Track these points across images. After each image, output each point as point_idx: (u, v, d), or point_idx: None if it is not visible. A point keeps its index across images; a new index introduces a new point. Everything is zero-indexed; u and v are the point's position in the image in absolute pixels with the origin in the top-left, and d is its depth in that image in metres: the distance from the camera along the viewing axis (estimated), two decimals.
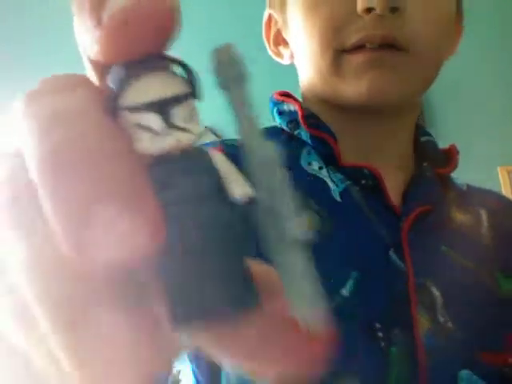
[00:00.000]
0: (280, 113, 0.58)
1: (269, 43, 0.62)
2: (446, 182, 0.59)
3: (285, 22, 0.58)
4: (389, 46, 0.50)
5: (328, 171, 0.54)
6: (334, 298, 0.47)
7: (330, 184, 0.53)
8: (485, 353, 0.50)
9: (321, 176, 0.53)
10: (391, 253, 0.50)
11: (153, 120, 0.15)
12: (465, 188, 0.62)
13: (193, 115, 0.15)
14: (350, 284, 0.48)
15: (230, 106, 0.16)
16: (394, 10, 0.49)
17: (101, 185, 0.13)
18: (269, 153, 0.16)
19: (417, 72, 0.52)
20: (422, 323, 0.48)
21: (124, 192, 0.14)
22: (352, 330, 0.47)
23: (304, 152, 0.55)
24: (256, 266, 0.16)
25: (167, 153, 0.15)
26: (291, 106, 0.57)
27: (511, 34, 1.80)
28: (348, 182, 0.53)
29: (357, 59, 0.50)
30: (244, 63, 0.16)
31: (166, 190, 0.15)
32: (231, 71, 0.16)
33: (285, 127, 0.57)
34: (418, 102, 0.59)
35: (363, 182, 0.53)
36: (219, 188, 0.15)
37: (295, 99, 0.58)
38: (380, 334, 0.47)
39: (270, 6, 0.61)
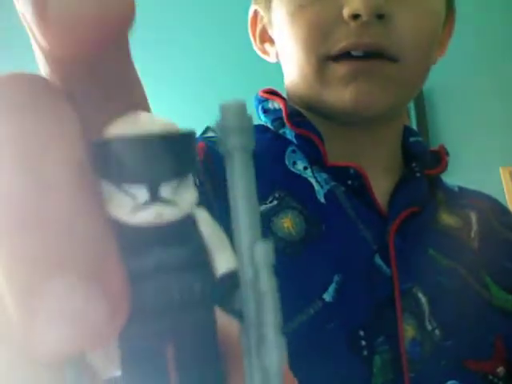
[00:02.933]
0: (265, 111, 0.57)
1: (254, 40, 0.61)
2: (436, 184, 0.58)
3: (270, 20, 0.57)
4: (375, 54, 0.49)
5: (313, 171, 0.52)
6: (316, 303, 0.46)
7: (315, 185, 0.52)
8: (473, 361, 0.49)
9: (305, 176, 0.52)
10: (376, 257, 0.49)
11: (137, 189, 0.13)
12: (456, 190, 0.61)
13: (186, 187, 0.14)
14: (332, 288, 0.46)
15: (229, 176, 0.14)
16: (380, 16, 0.48)
17: (59, 251, 0.11)
18: (265, 253, 0.13)
19: (403, 82, 0.51)
20: (408, 331, 0.47)
21: (85, 263, 0.11)
22: (334, 337, 0.45)
23: (289, 151, 0.54)
24: (222, 320, 0.15)
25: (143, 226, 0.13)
26: (276, 104, 0.56)
27: (511, 34, 1.79)
28: (333, 183, 0.52)
29: (342, 69, 0.49)
30: (252, 130, 0.14)
31: (139, 258, 0.13)
32: (238, 139, 0.14)
33: (269, 125, 0.56)
34: (405, 106, 0.59)
35: (349, 182, 0.51)
36: (201, 258, 0.14)
37: (281, 97, 0.57)
38: (363, 343, 0.46)
39: (255, 2, 0.60)
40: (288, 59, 0.54)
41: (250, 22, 0.60)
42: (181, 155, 0.13)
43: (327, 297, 0.46)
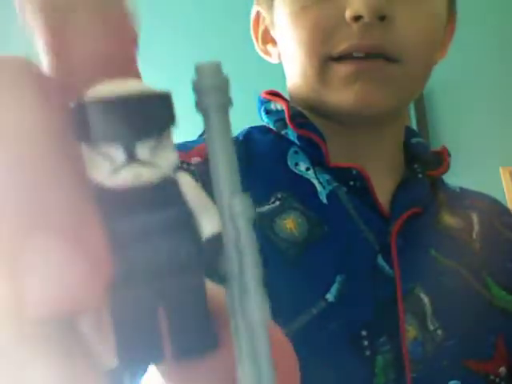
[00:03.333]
0: (267, 112, 0.57)
1: (257, 41, 0.61)
2: (438, 185, 0.58)
3: (272, 20, 0.57)
4: (377, 55, 0.49)
5: (315, 172, 0.52)
6: (319, 302, 0.46)
7: (317, 186, 0.52)
8: (474, 361, 0.49)
9: (308, 177, 0.52)
10: (379, 258, 0.49)
11: (114, 150, 0.13)
12: (457, 190, 0.61)
13: (164, 148, 0.13)
14: (334, 289, 0.47)
15: (207, 134, 0.14)
16: (382, 18, 0.48)
17: (41, 210, 0.11)
18: (243, 206, 0.14)
19: (405, 83, 0.51)
20: (410, 331, 0.47)
21: (66, 220, 0.12)
22: (336, 337, 0.45)
23: (291, 152, 0.54)
24: (209, 288, 0.15)
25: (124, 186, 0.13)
26: (278, 105, 0.56)
27: (511, 34, 1.79)
28: (335, 184, 0.52)
29: (344, 69, 0.49)
30: (229, 89, 0.14)
31: (124, 222, 0.13)
32: (213, 97, 0.14)
33: (272, 127, 0.56)
34: (406, 108, 0.59)
35: (351, 183, 0.52)
36: (185, 221, 0.14)
37: (283, 98, 0.57)
38: (366, 343, 0.46)
39: (257, 3, 0.60)
40: (290, 60, 0.54)
41: (253, 23, 0.61)
42: (157, 115, 0.13)
43: (330, 297, 0.46)
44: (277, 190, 0.51)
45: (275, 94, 0.58)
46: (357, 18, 0.48)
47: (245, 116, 0.81)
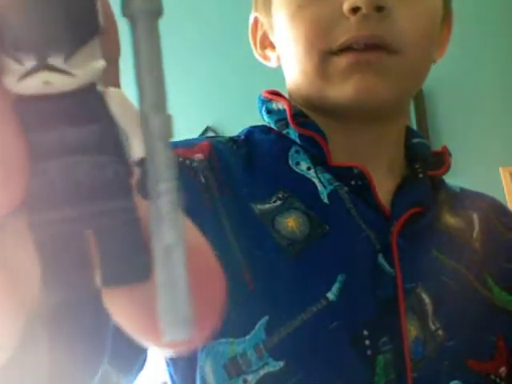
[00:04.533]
0: (268, 111, 0.57)
1: (255, 46, 0.61)
2: (438, 185, 0.58)
3: (270, 24, 0.57)
4: (376, 47, 0.49)
5: (316, 172, 0.53)
6: (320, 301, 0.46)
7: (318, 185, 0.52)
8: (475, 361, 0.49)
9: (309, 176, 0.52)
10: (380, 257, 0.49)
11: (25, 55, 0.12)
12: (458, 191, 0.61)
13: (87, 55, 0.12)
14: (335, 288, 0.47)
15: (133, 43, 0.13)
16: (380, 9, 0.48)
17: None
18: (163, 123, 0.12)
19: (404, 74, 0.51)
20: (411, 331, 0.47)
21: None
22: (338, 336, 0.45)
23: (292, 151, 0.54)
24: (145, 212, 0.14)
25: (33, 94, 0.12)
26: (280, 105, 0.56)
27: (511, 34, 1.79)
28: (336, 184, 0.52)
29: (343, 61, 0.49)
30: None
31: (41, 134, 0.12)
32: (141, 1, 0.13)
33: (273, 126, 0.56)
34: (407, 104, 0.59)
35: (352, 182, 0.52)
36: (113, 139, 0.13)
37: (284, 98, 0.57)
38: (367, 342, 0.46)
39: (255, 9, 0.61)
40: (289, 59, 0.54)
41: (251, 29, 0.61)
42: (77, 19, 0.12)
43: (331, 295, 0.46)
44: (278, 190, 0.51)
45: (276, 94, 0.58)
46: (355, 10, 0.48)
47: (245, 116, 0.81)
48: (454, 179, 0.62)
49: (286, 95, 0.58)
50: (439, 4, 0.55)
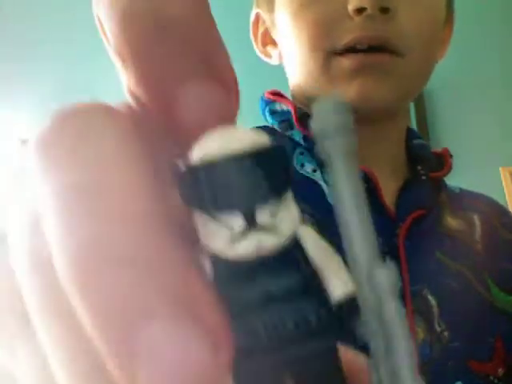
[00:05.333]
0: (272, 113, 0.57)
1: (256, 43, 0.61)
2: (440, 186, 0.58)
3: (273, 21, 0.57)
4: (380, 48, 0.49)
5: (322, 173, 0.52)
6: None
7: (324, 187, 0.52)
8: (476, 362, 0.49)
9: (314, 178, 0.52)
10: (387, 260, 0.49)
11: (231, 217, 0.11)
12: (457, 191, 0.61)
13: (285, 207, 0.12)
14: None
15: (332, 183, 0.12)
16: (385, 10, 0.48)
17: (152, 290, 0.10)
18: (388, 278, 0.12)
19: (408, 77, 0.51)
20: (418, 333, 0.47)
21: (181, 299, 0.10)
22: (346, 339, 0.45)
23: (297, 153, 0.54)
24: (344, 354, 0.14)
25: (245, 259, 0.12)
26: (284, 106, 0.56)
27: (511, 34, 1.79)
28: None
29: (347, 63, 0.49)
30: (353, 130, 0.12)
31: (244, 291, 0.12)
32: (339, 142, 0.12)
33: (277, 127, 0.56)
34: (409, 103, 0.59)
35: None
36: (313, 284, 0.12)
37: (287, 99, 0.57)
38: None
39: (257, 6, 0.60)
40: (292, 58, 0.54)
41: (252, 25, 0.61)
42: (275, 172, 0.12)
43: None
44: None
45: (278, 95, 0.58)
46: (359, 11, 0.48)
47: (245, 116, 0.81)
48: (454, 179, 0.62)
49: (288, 94, 0.58)
50: (442, 5, 0.54)
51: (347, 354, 0.14)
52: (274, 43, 0.59)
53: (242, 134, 0.12)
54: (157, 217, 0.11)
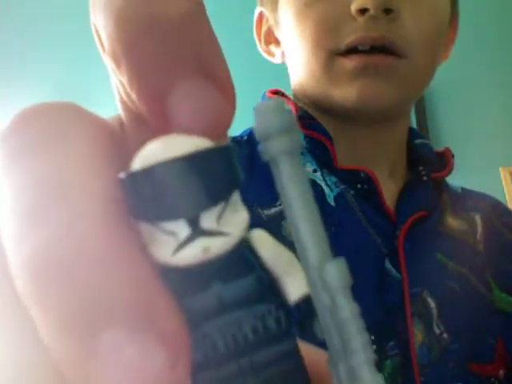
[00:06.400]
0: None
1: (259, 41, 0.61)
2: (441, 186, 0.58)
3: (276, 20, 0.57)
4: (382, 49, 0.49)
5: (322, 174, 0.52)
6: None
7: (325, 188, 0.51)
8: (477, 364, 0.49)
9: (315, 179, 0.52)
10: (387, 262, 0.49)
11: (176, 224, 0.11)
12: (459, 191, 0.61)
13: (232, 209, 0.12)
14: None
15: (277, 184, 0.12)
16: (388, 11, 0.48)
17: (104, 299, 0.10)
18: (338, 275, 0.11)
19: (410, 78, 0.51)
20: (417, 335, 0.47)
21: (135, 307, 0.10)
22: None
23: None
24: (306, 351, 0.13)
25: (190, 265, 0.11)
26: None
27: (511, 34, 1.79)
28: (343, 186, 0.51)
29: (349, 63, 0.49)
30: (297, 129, 0.12)
31: (196, 300, 0.11)
32: (282, 142, 0.11)
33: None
34: (411, 105, 0.59)
35: (359, 186, 0.51)
36: (268, 286, 0.12)
37: (289, 99, 0.57)
38: (374, 347, 0.45)
39: (261, 4, 0.60)
40: (295, 57, 0.54)
41: (256, 23, 0.61)
42: (219, 175, 0.11)
43: None
44: None
45: (280, 94, 0.57)
46: (362, 11, 0.48)
47: (246, 116, 0.80)
48: (454, 179, 0.62)
49: (290, 94, 0.58)
50: (447, 8, 0.54)
51: (309, 352, 0.13)
52: (277, 42, 0.59)
53: (183, 140, 0.11)
54: (115, 220, 0.11)
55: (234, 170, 0.12)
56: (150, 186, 0.11)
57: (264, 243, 0.13)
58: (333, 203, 0.51)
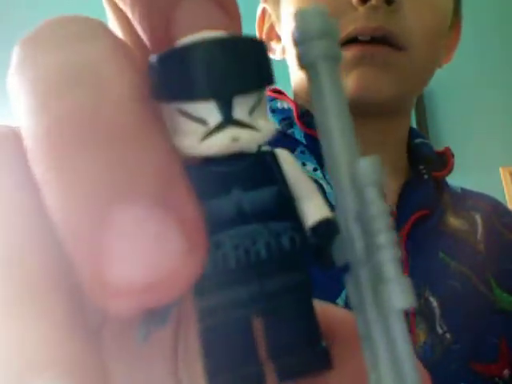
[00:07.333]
0: (273, 110, 0.56)
1: (261, 37, 0.61)
2: (442, 186, 0.58)
3: (278, 16, 0.57)
4: (382, 40, 0.48)
5: (323, 173, 0.52)
6: None
7: (325, 186, 0.51)
8: (480, 364, 0.48)
9: (315, 178, 0.51)
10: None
11: (207, 109, 0.10)
12: (459, 191, 0.61)
13: (261, 111, 0.11)
14: (345, 293, 0.46)
15: (313, 91, 0.11)
16: (389, 2, 0.48)
17: (125, 172, 0.10)
18: (371, 170, 0.11)
19: (409, 72, 0.51)
20: (420, 335, 0.47)
21: (155, 185, 0.10)
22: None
23: (297, 152, 0.53)
24: (330, 312, 0.13)
25: (217, 154, 0.11)
26: (285, 104, 0.55)
27: (511, 34, 1.79)
28: None
29: (348, 53, 0.49)
30: (338, 37, 0.11)
31: (213, 202, 0.11)
32: (322, 46, 0.11)
33: (277, 125, 0.55)
34: (411, 103, 0.58)
35: None
36: (287, 204, 0.11)
37: (288, 97, 0.56)
38: None
39: (264, 0, 0.60)
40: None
41: (258, 19, 0.61)
42: (253, 63, 0.11)
43: (341, 302, 0.45)
44: None
45: (279, 92, 0.57)
46: (363, 1, 0.47)
47: None
48: (454, 179, 0.62)
49: (289, 93, 0.58)
50: (449, 6, 0.54)
51: (327, 308, 0.13)
52: (278, 38, 0.59)
53: (218, 32, 0.11)
54: (142, 103, 0.10)
55: (266, 65, 0.11)
56: (187, 64, 0.10)
57: (289, 161, 0.12)
58: (334, 202, 0.50)
